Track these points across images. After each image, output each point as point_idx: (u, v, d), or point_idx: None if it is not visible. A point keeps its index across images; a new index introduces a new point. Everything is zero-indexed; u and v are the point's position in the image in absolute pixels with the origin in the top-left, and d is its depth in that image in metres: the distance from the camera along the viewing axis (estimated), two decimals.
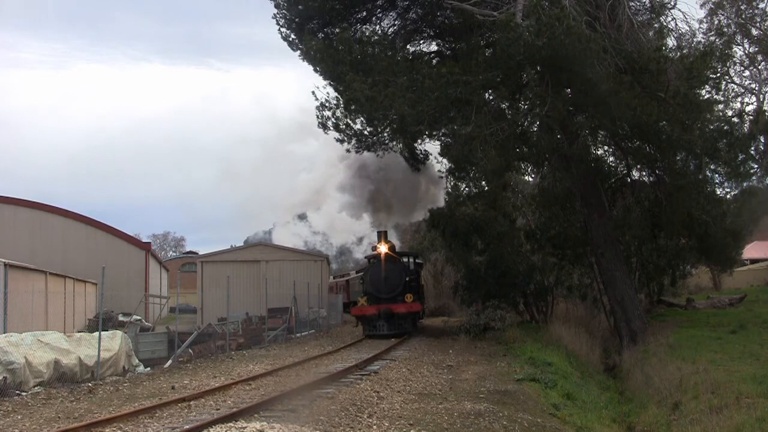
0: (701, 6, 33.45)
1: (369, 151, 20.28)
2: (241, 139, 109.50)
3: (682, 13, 35.88)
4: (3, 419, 9.21)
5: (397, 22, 20.82)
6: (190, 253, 67.21)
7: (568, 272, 25.56)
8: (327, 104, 18.19)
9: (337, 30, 17.25)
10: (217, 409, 9.28)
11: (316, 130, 19.24)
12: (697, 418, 9.93)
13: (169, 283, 44.09)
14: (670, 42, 18.05)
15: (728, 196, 24.10)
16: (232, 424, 7.91)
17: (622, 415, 12.08)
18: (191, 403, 10.00)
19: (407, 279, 22.79)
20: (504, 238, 24.02)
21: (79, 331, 19.09)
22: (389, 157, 22.13)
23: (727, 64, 21.13)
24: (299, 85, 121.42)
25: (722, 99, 23.88)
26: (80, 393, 11.45)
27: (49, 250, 29.35)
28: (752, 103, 34.38)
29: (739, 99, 33.89)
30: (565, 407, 10.87)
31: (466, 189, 24.14)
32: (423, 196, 27.78)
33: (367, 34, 18.42)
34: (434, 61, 20.05)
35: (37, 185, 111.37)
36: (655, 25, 18.52)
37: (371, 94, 15.54)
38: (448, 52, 21.04)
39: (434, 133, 18.83)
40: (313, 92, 18.15)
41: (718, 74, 18.01)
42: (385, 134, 19.16)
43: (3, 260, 17.91)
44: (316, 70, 18.53)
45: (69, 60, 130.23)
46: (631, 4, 17.85)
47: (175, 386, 11.78)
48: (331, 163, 32.60)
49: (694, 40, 19.68)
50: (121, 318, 26.22)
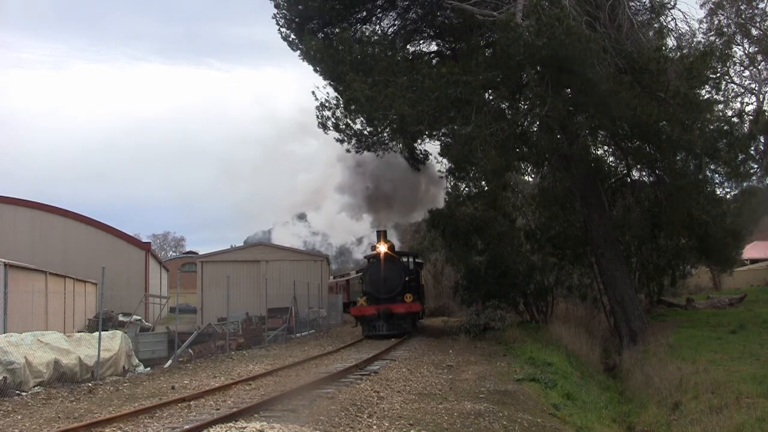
0: (701, 6, 33.49)
1: (369, 151, 20.28)
2: (241, 139, 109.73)
3: (682, 13, 35.88)
4: (3, 419, 9.21)
5: (397, 22, 20.83)
6: (190, 253, 67.22)
7: (568, 272, 25.57)
8: (327, 104, 18.22)
9: (337, 30, 17.25)
10: (217, 409, 9.28)
11: (316, 130, 19.26)
12: (697, 418, 9.94)
13: (169, 283, 44.09)
14: (670, 42, 18.08)
15: (728, 196, 24.13)
16: (232, 424, 7.92)
17: (622, 415, 12.08)
18: (191, 403, 10.00)
19: (407, 279, 22.69)
20: (504, 238, 24.02)
21: (79, 331, 19.10)
22: (389, 156, 22.13)
23: (727, 64, 21.14)
24: (299, 85, 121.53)
25: (722, 99, 23.91)
26: (80, 393, 11.45)
27: (49, 250, 29.34)
28: (752, 103, 34.42)
29: (739, 99, 33.93)
30: (565, 407, 10.88)
31: (466, 189, 24.16)
32: (423, 196, 27.75)
33: (367, 34, 18.43)
34: (434, 61, 20.05)
35: (37, 185, 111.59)
36: (655, 25, 18.52)
37: (371, 94, 15.53)
38: (448, 52, 21.05)
39: (434, 133, 18.84)
40: (313, 92, 18.21)
41: (718, 74, 18.02)
42: (385, 134, 19.16)
43: (3, 260, 17.91)
44: (316, 70, 18.56)
45: (68, 60, 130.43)
46: (631, 4, 17.85)
47: (175, 386, 11.78)
48: (331, 163, 32.62)
49: (694, 40, 19.71)
50: (121, 318, 26.23)
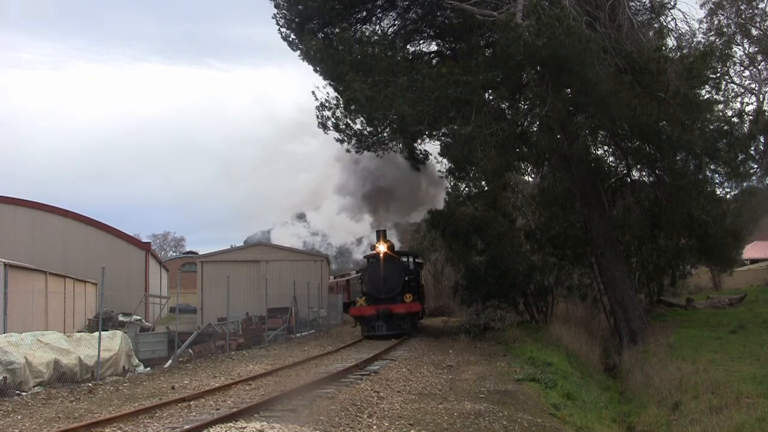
0: (701, 6, 33.49)
1: (369, 151, 20.29)
2: (241, 139, 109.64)
3: (682, 13, 35.87)
4: (3, 419, 9.21)
5: (397, 22, 20.83)
6: (190, 253, 67.19)
7: (568, 272, 25.58)
8: (327, 104, 18.22)
9: (337, 30, 17.24)
10: (217, 409, 9.28)
11: (316, 130, 19.26)
12: (697, 418, 9.94)
13: (169, 283, 44.07)
14: (670, 42, 18.08)
15: (728, 196, 24.14)
16: (232, 424, 7.91)
17: (622, 415, 12.08)
18: (191, 403, 10.00)
19: (406, 279, 22.63)
20: (504, 238, 24.02)
21: (79, 331, 19.09)
22: (389, 156, 22.12)
23: (727, 64, 21.15)
24: (299, 85, 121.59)
25: (722, 99, 23.91)
26: (80, 393, 11.44)
27: (49, 250, 29.33)
28: (752, 103, 34.41)
29: (739, 99, 33.92)
30: (565, 407, 10.87)
31: (466, 189, 24.17)
32: (423, 196, 27.76)
33: (367, 34, 18.42)
34: (434, 61, 20.05)
35: (37, 185, 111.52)
36: (655, 25, 18.52)
37: (371, 94, 15.53)
38: (448, 52, 21.05)
39: (434, 133, 18.84)
40: (313, 92, 18.20)
41: (718, 74, 18.02)
42: (385, 134, 19.16)
43: (3, 260, 17.91)
44: (316, 70, 18.55)
45: (68, 60, 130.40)
46: (631, 4, 17.85)
47: (175, 386, 11.78)
48: (330, 163, 32.59)
49: (694, 40, 19.71)
50: (121, 318, 26.22)
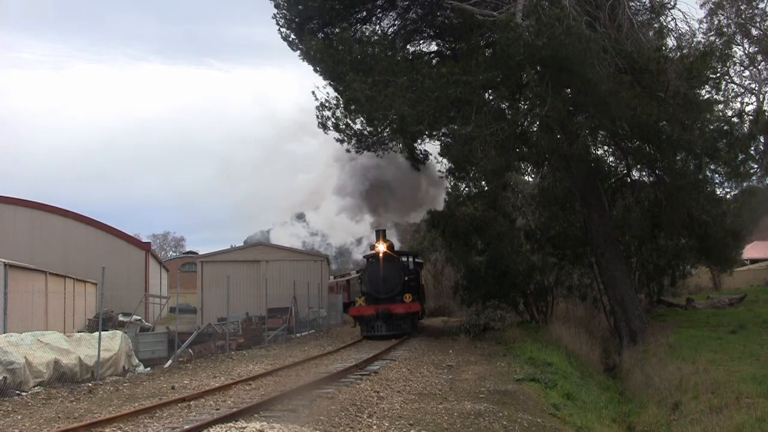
0: (701, 6, 33.50)
1: (369, 151, 20.31)
2: (241, 139, 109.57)
3: (682, 13, 35.88)
4: (3, 419, 9.21)
5: (397, 22, 20.83)
6: (190, 253, 67.19)
7: (568, 272, 25.58)
8: (327, 104, 18.23)
9: (337, 30, 17.24)
10: (217, 409, 9.28)
11: (315, 130, 19.27)
12: (697, 418, 9.94)
13: (169, 283, 44.08)
14: (670, 42, 18.08)
15: (728, 196, 24.13)
16: (232, 424, 7.92)
17: (622, 415, 12.08)
18: (191, 403, 10.00)
19: (406, 278, 22.58)
20: (504, 238, 24.01)
21: (79, 331, 19.09)
22: (389, 156, 22.12)
23: (727, 64, 21.15)
24: (299, 85, 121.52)
25: (722, 99, 23.92)
26: (80, 393, 11.44)
27: (49, 250, 29.32)
28: (752, 103, 34.42)
29: (739, 99, 33.94)
30: (565, 407, 10.88)
31: (466, 189, 24.16)
32: (423, 196, 27.75)
33: (367, 34, 18.42)
34: (434, 61, 20.04)
35: (37, 185, 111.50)
36: (655, 25, 18.52)
37: (371, 94, 15.53)
38: (448, 52, 21.05)
39: (434, 133, 18.85)
40: (313, 92, 18.22)
41: (718, 74, 18.02)
42: (385, 134, 19.17)
43: (3, 260, 17.91)
44: (316, 70, 18.55)
45: (68, 60, 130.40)
46: (631, 4, 17.85)
47: (175, 386, 11.78)
48: (330, 163, 32.61)
49: (694, 40, 19.71)
50: (121, 318, 26.22)
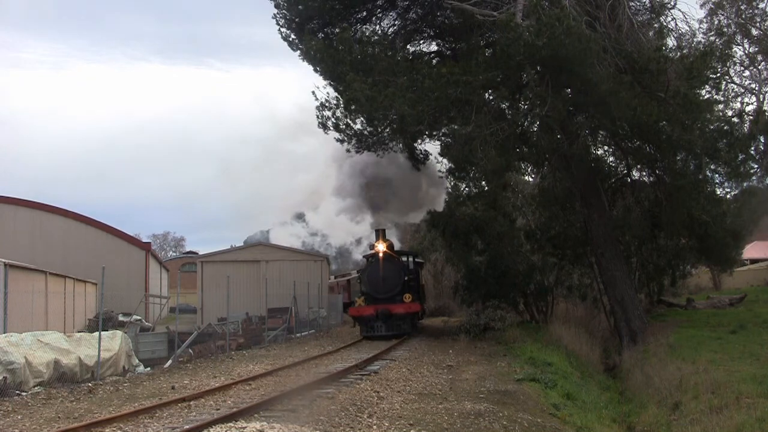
0: (701, 6, 33.52)
1: (369, 151, 20.29)
2: (241, 139, 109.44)
3: (682, 13, 35.91)
4: (3, 419, 9.21)
5: (397, 22, 20.83)
6: (190, 253, 67.17)
7: (568, 272, 25.58)
8: (327, 104, 18.22)
9: (337, 30, 17.24)
10: (217, 409, 9.28)
11: (315, 129, 19.25)
12: (697, 418, 9.94)
13: (169, 283, 44.08)
14: (670, 42, 18.09)
15: (728, 196, 24.12)
16: (232, 424, 7.92)
17: (622, 415, 12.08)
18: (191, 403, 10.00)
19: (406, 278, 22.49)
20: (504, 238, 24.01)
21: (79, 331, 19.10)
22: (389, 156, 22.11)
23: (727, 64, 21.16)
24: (299, 85, 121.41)
25: (722, 99, 23.95)
26: (80, 393, 11.44)
27: (49, 250, 29.33)
28: (752, 103, 34.44)
29: (739, 99, 33.96)
30: (565, 407, 10.87)
31: (466, 189, 24.15)
32: (423, 196, 27.74)
33: (367, 34, 18.42)
34: (434, 61, 20.05)
35: (37, 185, 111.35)
36: (655, 25, 18.53)
37: (371, 94, 15.53)
38: (448, 52, 21.05)
39: (434, 133, 18.85)
40: (313, 92, 18.20)
41: (718, 74, 18.03)
42: (385, 134, 19.15)
43: (3, 260, 17.91)
44: (316, 70, 18.55)
45: (69, 60, 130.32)
46: (631, 4, 17.86)
47: (175, 386, 11.78)
48: (329, 163, 32.62)
49: (694, 40, 19.74)
50: (121, 318, 26.23)
